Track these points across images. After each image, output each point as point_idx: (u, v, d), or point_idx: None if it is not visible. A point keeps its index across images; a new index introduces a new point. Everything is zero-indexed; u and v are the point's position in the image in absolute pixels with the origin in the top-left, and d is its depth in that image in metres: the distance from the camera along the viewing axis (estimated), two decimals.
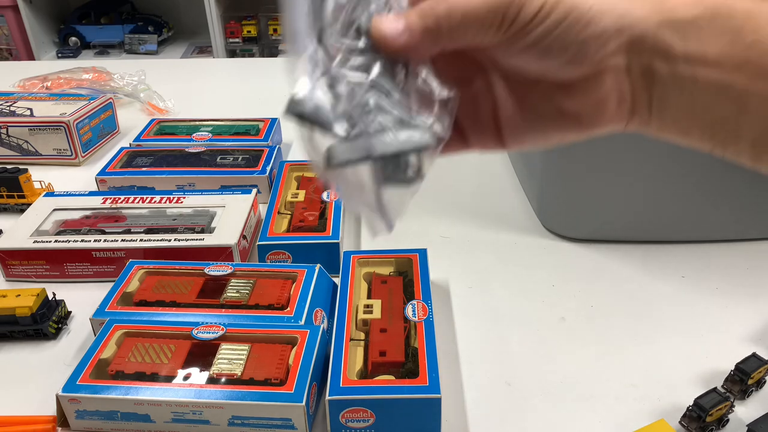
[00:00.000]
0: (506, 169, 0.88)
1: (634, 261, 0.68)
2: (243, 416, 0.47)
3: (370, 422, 0.47)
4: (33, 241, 0.66)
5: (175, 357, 0.51)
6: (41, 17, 2.49)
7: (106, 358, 0.51)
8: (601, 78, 0.29)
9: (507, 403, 0.51)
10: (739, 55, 0.27)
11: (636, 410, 0.50)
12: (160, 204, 0.72)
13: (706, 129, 0.29)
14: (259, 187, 0.78)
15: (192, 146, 0.87)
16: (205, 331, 0.52)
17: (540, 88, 0.31)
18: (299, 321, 0.54)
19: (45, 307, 0.58)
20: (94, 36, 2.54)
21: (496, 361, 0.55)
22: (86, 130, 0.92)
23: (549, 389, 0.52)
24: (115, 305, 0.57)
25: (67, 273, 0.66)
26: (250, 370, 0.49)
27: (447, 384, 0.52)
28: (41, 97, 0.98)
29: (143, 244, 0.65)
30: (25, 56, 2.47)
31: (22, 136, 0.90)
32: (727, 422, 0.48)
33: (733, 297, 0.62)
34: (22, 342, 0.58)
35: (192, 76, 1.33)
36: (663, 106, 0.29)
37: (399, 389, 0.46)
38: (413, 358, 0.49)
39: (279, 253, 0.66)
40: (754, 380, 0.50)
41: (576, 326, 0.59)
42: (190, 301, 0.58)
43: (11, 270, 0.66)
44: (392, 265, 0.62)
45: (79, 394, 0.48)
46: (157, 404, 0.47)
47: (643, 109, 0.30)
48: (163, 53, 2.56)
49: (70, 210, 0.72)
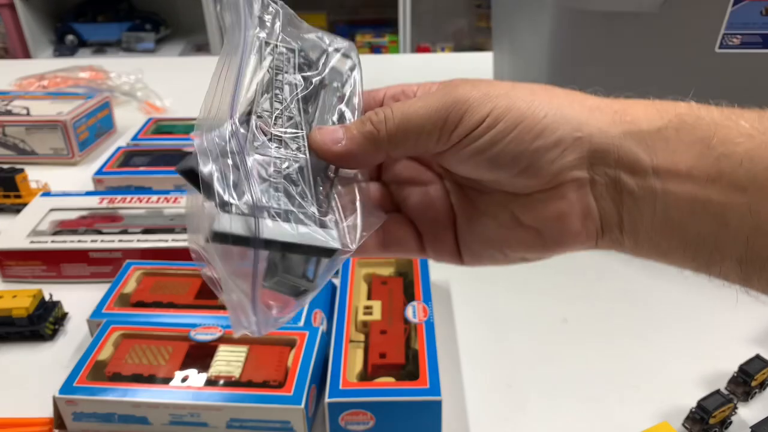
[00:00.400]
0: None
1: (637, 261, 0.67)
2: (241, 419, 0.47)
3: (370, 425, 0.46)
4: (29, 242, 0.65)
5: (172, 359, 0.50)
6: (38, 15, 2.48)
7: (103, 359, 0.50)
8: (561, 191, 0.27)
9: (508, 405, 0.51)
10: (710, 167, 0.25)
11: (638, 412, 0.50)
12: (158, 204, 0.71)
13: (687, 248, 0.26)
14: None
15: (190, 145, 0.86)
16: (203, 333, 0.52)
17: (496, 199, 0.29)
18: (298, 322, 0.54)
19: (42, 308, 0.58)
20: (91, 34, 2.53)
21: (497, 363, 0.55)
22: (83, 129, 0.92)
23: (550, 391, 0.52)
24: (112, 306, 0.56)
25: (64, 273, 0.66)
26: (248, 372, 0.49)
27: (448, 386, 0.52)
28: (38, 96, 0.98)
29: (140, 244, 0.65)
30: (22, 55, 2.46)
31: (19, 135, 0.89)
32: (730, 424, 0.48)
33: (736, 298, 0.62)
34: (18, 343, 0.58)
35: (190, 74, 1.32)
36: (635, 224, 0.27)
37: (399, 392, 0.46)
38: (414, 360, 0.49)
39: None
40: (758, 382, 0.50)
41: (578, 327, 0.59)
42: (188, 302, 0.57)
43: (7, 270, 0.66)
44: (392, 266, 0.61)
45: (76, 396, 0.47)
46: (155, 406, 0.47)
47: (613, 226, 0.27)
48: (161, 51, 2.55)
49: (67, 210, 0.71)
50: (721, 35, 0.57)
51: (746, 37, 0.57)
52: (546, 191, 0.27)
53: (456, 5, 2.64)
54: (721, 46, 0.57)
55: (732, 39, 0.57)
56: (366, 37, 2.54)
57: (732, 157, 0.24)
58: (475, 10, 2.63)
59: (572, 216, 0.27)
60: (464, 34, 2.67)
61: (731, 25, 0.56)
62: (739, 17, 0.55)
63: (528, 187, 0.27)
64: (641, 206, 0.26)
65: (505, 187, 0.28)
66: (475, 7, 2.63)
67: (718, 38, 0.57)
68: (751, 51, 0.57)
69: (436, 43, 2.61)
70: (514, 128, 0.26)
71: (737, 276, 0.26)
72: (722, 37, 0.57)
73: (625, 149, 0.26)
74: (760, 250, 0.25)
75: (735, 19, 0.56)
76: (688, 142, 0.25)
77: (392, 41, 2.51)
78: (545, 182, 0.27)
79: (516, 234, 0.29)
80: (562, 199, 0.27)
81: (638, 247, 0.28)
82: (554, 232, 0.28)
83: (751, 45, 0.57)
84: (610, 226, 0.27)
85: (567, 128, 0.26)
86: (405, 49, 2.41)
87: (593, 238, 0.28)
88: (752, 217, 0.24)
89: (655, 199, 0.26)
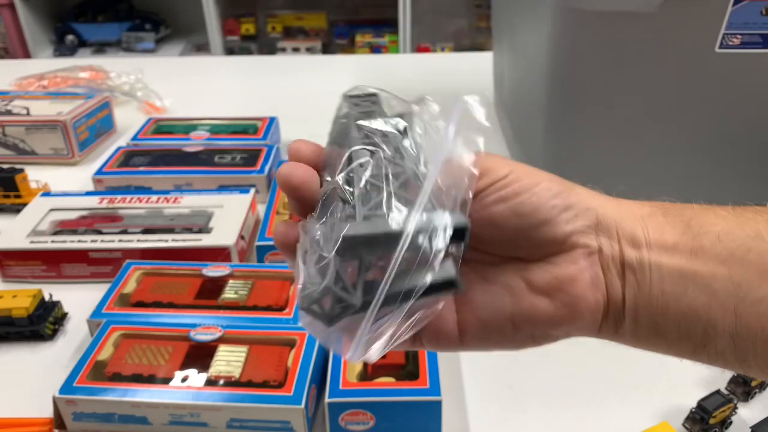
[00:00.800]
0: None
1: None
2: (241, 419, 0.47)
3: (369, 425, 0.46)
4: (29, 242, 0.65)
5: (172, 359, 0.50)
6: (38, 15, 2.48)
7: (103, 359, 0.50)
8: (573, 255, 0.29)
9: (508, 405, 0.51)
10: (692, 242, 0.28)
11: (639, 412, 0.50)
12: (158, 204, 0.71)
13: (681, 323, 0.28)
14: (258, 187, 0.78)
15: (189, 145, 0.86)
16: (203, 333, 0.52)
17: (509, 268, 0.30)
18: (298, 322, 0.54)
19: (42, 308, 0.58)
20: (91, 34, 2.53)
21: (497, 364, 0.55)
22: (83, 129, 0.92)
23: (550, 392, 0.52)
24: (112, 306, 0.56)
25: (64, 273, 0.66)
26: (248, 371, 0.49)
27: (448, 386, 0.52)
28: (38, 96, 0.98)
29: (140, 244, 0.65)
30: (22, 55, 2.46)
31: (19, 135, 0.89)
32: (730, 424, 0.48)
33: None
34: (18, 343, 0.58)
35: (190, 74, 1.32)
36: (635, 300, 0.28)
37: (399, 392, 0.46)
38: (413, 360, 0.49)
39: (278, 254, 0.65)
40: (758, 382, 0.50)
41: None
42: (188, 302, 0.57)
43: (7, 270, 0.66)
44: None
45: (76, 395, 0.47)
46: (155, 406, 0.47)
47: (617, 301, 0.29)
48: (161, 51, 2.55)
49: (67, 210, 0.71)
50: (721, 35, 0.57)
51: (746, 37, 0.57)
52: (559, 255, 0.29)
53: (456, 5, 2.64)
54: (721, 46, 0.57)
55: (732, 39, 0.57)
56: (366, 37, 2.54)
57: (709, 234, 0.28)
58: (475, 10, 2.63)
59: (582, 282, 0.29)
60: (464, 34, 2.66)
61: (731, 25, 0.56)
62: (739, 17, 0.55)
63: (544, 245, 0.29)
64: (640, 280, 0.28)
65: (521, 249, 0.29)
66: (475, 7, 2.63)
67: (718, 38, 0.57)
68: (751, 51, 0.57)
69: (436, 43, 2.61)
70: (534, 185, 0.28)
71: (733, 355, 0.28)
72: (722, 37, 0.57)
73: (623, 226, 0.29)
74: (748, 322, 0.27)
75: (735, 19, 0.56)
76: (672, 224, 0.29)
77: (392, 41, 2.51)
78: (560, 240, 0.29)
79: (528, 301, 0.29)
80: (574, 263, 0.29)
81: (637, 327, 0.29)
82: (565, 297, 0.29)
83: (751, 45, 0.57)
84: (615, 301, 0.29)
85: (577, 199, 0.29)
86: (405, 49, 2.41)
87: (599, 312, 0.29)
88: (735, 288, 0.27)
89: (651, 271, 0.28)
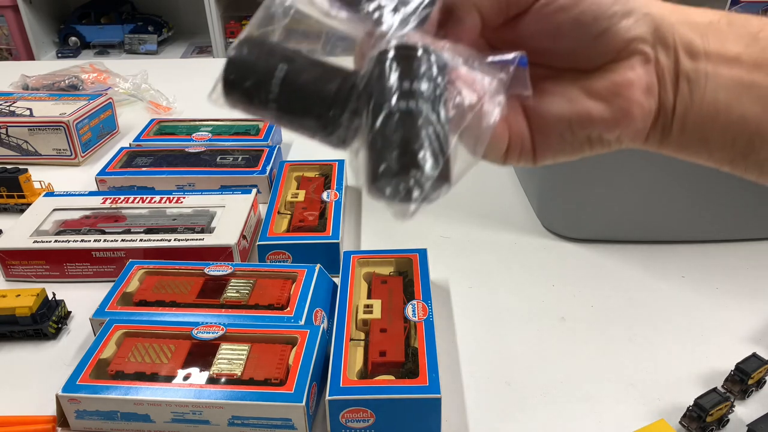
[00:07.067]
0: (506, 169, 0.88)
1: (634, 261, 0.68)
2: (243, 416, 0.47)
3: (370, 422, 0.47)
4: (33, 241, 0.66)
5: (174, 357, 0.51)
6: (41, 17, 2.49)
7: (105, 358, 0.51)
8: (630, 62, 0.29)
9: (507, 403, 0.51)
10: (757, 54, 0.28)
11: (636, 410, 0.50)
12: (160, 204, 0.72)
13: (728, 131, 0.28)
14: (259, 187, 0.78)
15: (192, 146, 0.87)
16: (204, 331, 0.52)
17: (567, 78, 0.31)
18: (299, 321, 0.54)
19: (45, 307, 0.58)
20: (94, 36, 2.54)
21: (496, 361, 0.55)
22: (86, 130, 0.92)
23: (549, 389, 0.52)
24: (115, 305, 0.57)
25: (67, 273, 0.66)
26: (250, 370, 0.49)
27: (447, 384, 0.52)
28: (41, 96, 0.98)
29: (143, 244, 0.65)
30: (25, 56, 2.46)
31: (22, 136, 0.90)
32: (727, 422, 0.48)
33: (733, 297, 0.62)
34: (21, 342, 0.58)
35: (192, 75, 1.33)
36: (686, 108, 0.29)
37: (399, 389, 0.46)
38: (413, 358, 0.49)
39: (279, 253, 0.66)
40: (755, 380, 0.50)
41: (576, 326, 0.59)
42: (190, 301, 0.58)
43: (11, 270, 0.66)
44: (392, 265, 0.62)
45: (78, 394, 0.48)
46: (157, 404, 0.47)
47: (667, 109, 0.30)
48: (163, 53, 2.55)
49: (70, 210, 0.72)
50: None
51: None
52: (617, 62, 0.29)
53: None
54: None
55: None
56: None
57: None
58: None
59: (638, 88, 0.29)
60: None
61: None
62: None
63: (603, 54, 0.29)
64: (693, 89, 0.29)
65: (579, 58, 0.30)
66: None
67: None
68: None
69: None
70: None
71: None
72: None
73: (681, 33, 0.29)
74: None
75: None
76: (737, 34, 0.28)
77: None
78: (619, 48, 0.29)
79: (585, 106, 0.30)
80: (632, 69, 0.29)
81: (683, 134, 0.30)
82: (621, 101, 0.29)
83: None
84: (665, 110, 0.30)
85: (637, 4, 0.29)
86: None
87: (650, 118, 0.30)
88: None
89: (706, 81, 0.28)
